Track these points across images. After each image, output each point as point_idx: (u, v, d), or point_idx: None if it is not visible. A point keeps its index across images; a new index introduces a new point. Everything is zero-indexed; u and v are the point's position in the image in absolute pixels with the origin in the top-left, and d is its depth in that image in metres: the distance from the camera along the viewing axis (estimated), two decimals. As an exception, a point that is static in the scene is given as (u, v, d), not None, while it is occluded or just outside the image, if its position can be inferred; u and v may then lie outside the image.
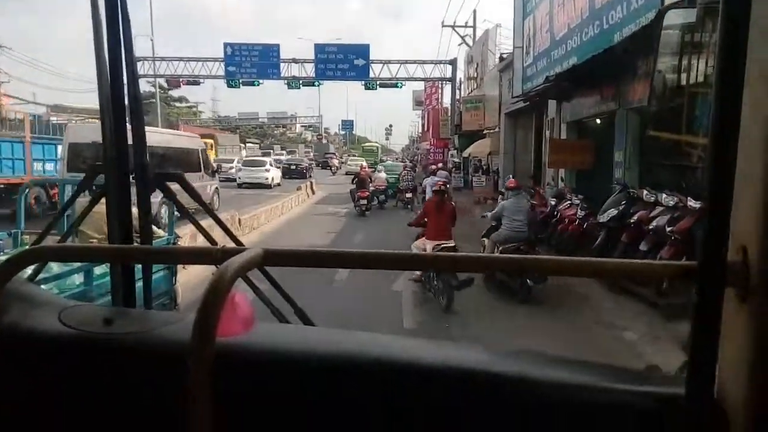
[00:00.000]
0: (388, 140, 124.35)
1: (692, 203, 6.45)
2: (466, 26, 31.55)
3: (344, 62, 32.19)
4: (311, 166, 43.20)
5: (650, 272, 0.67)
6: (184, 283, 6.00)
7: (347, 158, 53.02)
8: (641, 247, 7.13)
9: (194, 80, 34.36)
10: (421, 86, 49.42)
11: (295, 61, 32.96)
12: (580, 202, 10.14)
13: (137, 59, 1.25)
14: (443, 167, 22.25)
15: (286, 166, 36.24)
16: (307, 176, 34.96)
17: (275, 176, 28.98)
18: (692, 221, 6.28)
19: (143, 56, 30.61)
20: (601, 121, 11.04)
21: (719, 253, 0.54)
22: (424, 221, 7.71)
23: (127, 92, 1.08)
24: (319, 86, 34.67)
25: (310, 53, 32.29)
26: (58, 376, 0.80)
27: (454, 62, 33.51)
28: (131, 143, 1.10)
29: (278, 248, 0.68)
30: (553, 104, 13.02)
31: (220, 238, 1.14)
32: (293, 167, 37.01)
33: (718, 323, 0.55)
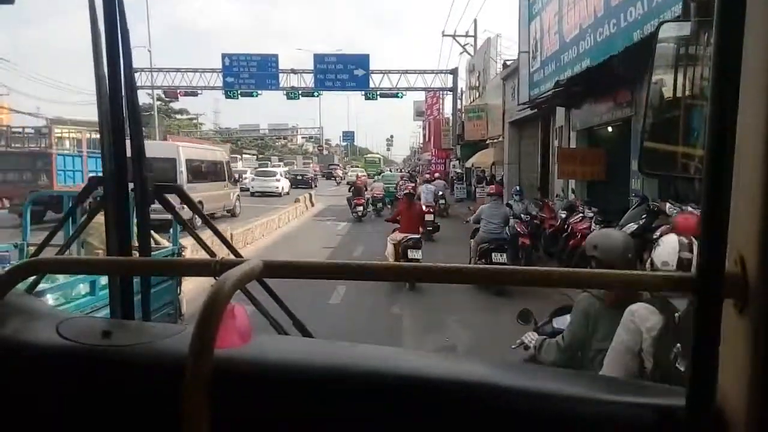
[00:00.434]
0: (389, 151, 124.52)
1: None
2: (466, 36, 31.28)
3: (344, 72, 32.09)
4: (316, 176, 46.44)
5: (649, 283, 0.68)
6: (188, 291, 5.91)
7: (349, 169, 54.59)
8: (666, 264, 6.45)
9: (192, 91, 34.22)
10: (421, 96, 49.40)
11: (294, 71, 32.77)
12: (594, 215, 9.49)
13: (135, 70, 1.17)
14: (439, 177, 22.81)
15: (293, 176, 39.10)
16: (312, 185, 38.96)
17: (285, 186, 31.64)
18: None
19: (140, 67, 30.24)
20: (613, 128, 10.44)
21: (717, 263, 0.54)
22: (397, 218, 9.48)
23: (126, 104, 1.08)
24: (318, 96, 34.52)
25: (309, 64, 32.18)
26: (56, 388, 0.80)
27: (455, 72, 33.25)
28: (130, 155, 1.10)
29: (277, 260, 0.69)
30: (561, 111, 12.39)
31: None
32: (299, 177, 40.32)
33: (717, 334, 0.55)
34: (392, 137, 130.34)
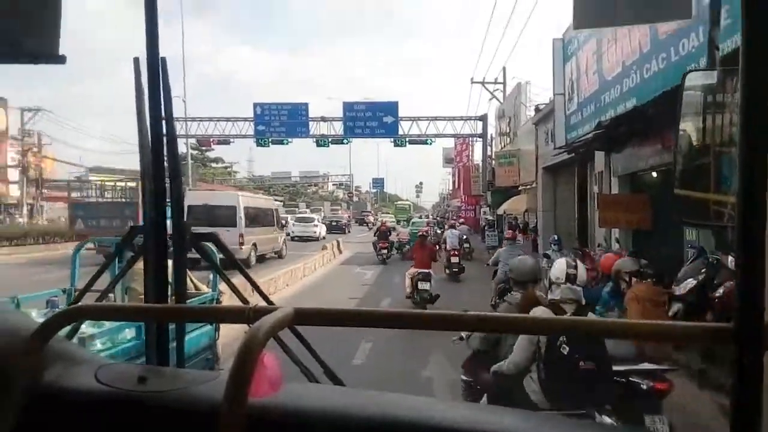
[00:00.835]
0: (418, 198, 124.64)
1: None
2: (495, 82, 31.18)
3: (373, 119, 32.31)
4: (350, 222, 50.46)
5: (687, 335, 0.67)
6: (222, 336, 5.92)
7: (380, 215, 56.67)
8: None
9: (225, 140, 34.84)
10: (450, 143, 49.47)
11: (324, 119, 33.16)
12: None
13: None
14: (463, 222, 25.69)
15: (328, 222, 42.69)
16: (346, 231, 42.91)
17: (321, 231, 34.71)
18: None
19: (175, 117, 31.00)
20: (658, 173, 9.70)
21: (756, 314, 0.53)
22: (412, 256, 11.85)
23: (166, 155, 1.12)
24: (348, 143, 34.71)
25: (339, 113, 32.53)
26: None
27: (484, 118, 33.07)
28: (169, 204, 1.15)
29: (308, 308, 0.70)
30: (600, 156, 11.72)
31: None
32: (334, 224, 43.49)
33: (759, 386, 0.54)
34: (421, 184, 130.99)
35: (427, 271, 10.80)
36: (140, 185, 1.14)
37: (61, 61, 1.03)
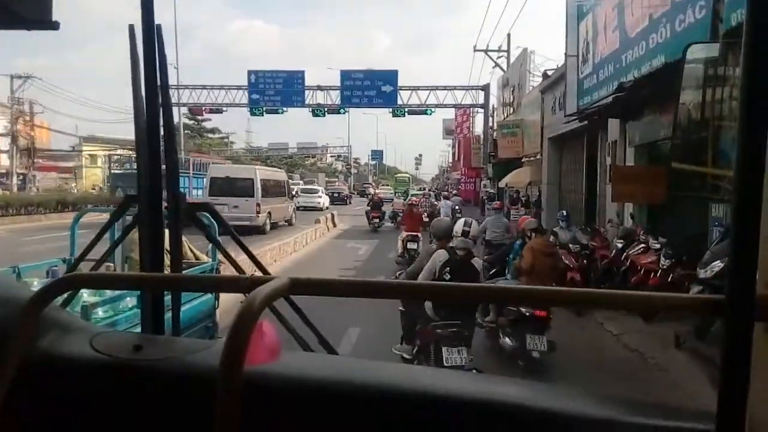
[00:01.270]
0: (417, 170, 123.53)
1: None
2: (499, 50, 29.91)
3: (371, 89, 31.32)
4: (351, 194, 53.63)
5: (678, 306, 0.69)
6: (222, 303, 5.96)
7: (380, 187, 55.46)
8: None
9: (217, 108, 33.82)
10: (451, 114, 48.24)
11: (320, 88, 32.13)
12: (662, 247, 7.82)
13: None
14: (456, 194, 27.17)
15: (330, 193, 43.99)
16: (347, 202, 45.77)
17: (325, 201, 36.91)
18: None
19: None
20: (681, 143, 8.77)
21: (747, 286, 0.54)
22: (403, 223, 13.95)
23: (162, 124, 1.11)
24: (345, 113, 33.76)
25: (337, 82, 31.31)
26: (88, 400, 0.83)
27: (486, 87, 32.02)
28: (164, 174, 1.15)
29: (304, 278, 0.69)
30: (614, 124, 10.74)
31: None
32: (336, 195, 45.58)
33: (748, 358, 0.54)
34: (421, 156, 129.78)
35: (415, 233, 12.70)
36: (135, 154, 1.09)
37: (54, 26, 1.07)
